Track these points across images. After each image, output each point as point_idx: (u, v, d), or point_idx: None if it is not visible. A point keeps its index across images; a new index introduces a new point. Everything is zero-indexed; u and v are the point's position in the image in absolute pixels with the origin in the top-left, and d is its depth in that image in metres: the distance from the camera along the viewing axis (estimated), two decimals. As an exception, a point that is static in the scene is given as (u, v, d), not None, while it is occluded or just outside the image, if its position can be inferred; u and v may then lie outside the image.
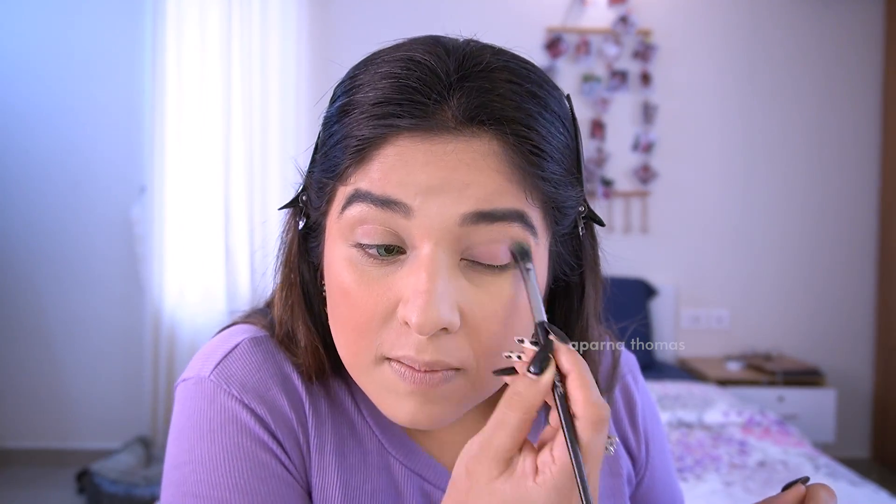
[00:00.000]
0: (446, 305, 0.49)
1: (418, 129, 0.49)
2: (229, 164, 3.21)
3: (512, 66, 0.52)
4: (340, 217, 0.52)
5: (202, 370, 0.58)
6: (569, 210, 0.56)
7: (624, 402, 0.72)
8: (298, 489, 0.57)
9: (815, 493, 0.53)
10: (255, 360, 0.58)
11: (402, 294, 0.50)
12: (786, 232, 3.60)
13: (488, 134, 0.50)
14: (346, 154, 0.51)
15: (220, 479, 0.54)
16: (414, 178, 0.49)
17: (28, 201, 3.37)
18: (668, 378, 3.06)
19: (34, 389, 3.40)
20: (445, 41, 0.53)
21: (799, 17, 3.56)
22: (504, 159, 0.50)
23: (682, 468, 2.08)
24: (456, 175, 0.49)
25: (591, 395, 0.43)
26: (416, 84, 0.50)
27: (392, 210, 0.50)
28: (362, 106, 0.51)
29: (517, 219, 0.50)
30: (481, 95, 0.50)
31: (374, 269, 0.51)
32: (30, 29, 3.35)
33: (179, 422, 0.58)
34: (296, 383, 0.59)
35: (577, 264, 0.60)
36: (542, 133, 0.51)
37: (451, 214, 0.49)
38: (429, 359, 0.50)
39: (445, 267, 0.50)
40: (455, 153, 0.49)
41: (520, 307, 0.53)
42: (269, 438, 0.56)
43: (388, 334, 0.52)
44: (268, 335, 0.61)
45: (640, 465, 0.72)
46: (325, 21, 3.40)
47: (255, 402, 0.56)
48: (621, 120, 3.51)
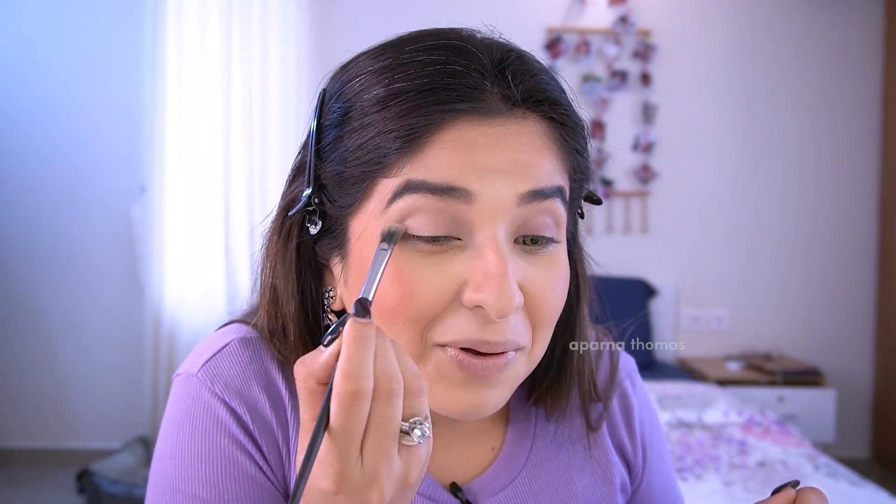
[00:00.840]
0: (515, 286, 0.50)
1: (476, 112, 0.50)
2: (229, 164, 3.21)
3: (532, 56, 0.55)
4: (386, 211, 0.51)
5: (192, 367, 0.59)
6: (586, 183, 0.59)
7: (621, 407, 0.71)
8: (271, 490, 0.57)
9: (805, 497, 0.53)
10: (241, 361, 0.59)
11: (466, 279, 0.50)
12: (786, 232, 3.60)
13: (536, 115, 0.52)
14: (393, 144, 0.50)
15: (195, 474, 0.55)
16: (476, 162, 0.50)
17: (28, 201, 3.37)
18: (668, 378, 3.06)
19: (34, 389, 3.40)
20: (463, 30, 0.55)
21: (799, 17, 3.56)
22: (552, 138, 0.53)
23: (682, 468, 2.08)
24: (517, 155, 0.51)
25: (346, 365, 0.40)
26: (463, 69, 0.50)
27: (452, 197, 0.49)
28: (407, 93, 0.50)
29: (559, 194, 0.53)
30: (529, 79, 0.52)
31: (429, 258, 0.51)
32: (30, 29, 3.35)
33: (168, 416, 0.59)
34: (279, 385, 0.59)
35: (572, 241, 0.62)
36: (573, 109, 0.55)
37: (511, 195, 0.50)
38: (503, 339, 0.51)
39: (509, 248, 0.51)
40: (513, 134, 0.51)
41: (567, 283, 0.56)
42: (246, 439, 0.56)
43: (446, 321, 0.51)
44: (259, 336, 0.61)
45: (637, 472, 0.71)
46: (325, 21, 3.40)
47: (236, 401, 0.57)
48: (621, 120, 3.51)
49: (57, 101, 3.36)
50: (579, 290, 0.63)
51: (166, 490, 0.56)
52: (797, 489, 0.54)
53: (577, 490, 0.65)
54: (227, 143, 3.20)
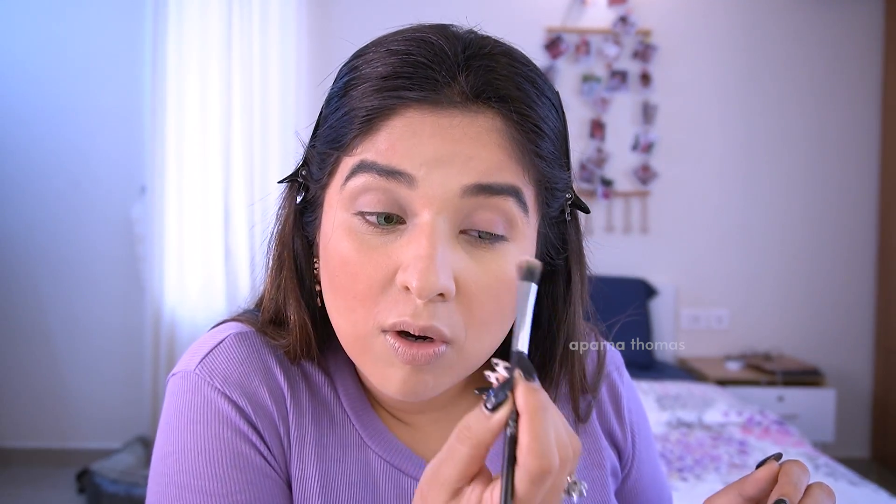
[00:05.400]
0: (444, 272, 0.51)
1: (427, 101, 0.52)
2: (229, 164, 3.21)
3: (513, 53, 0.56)
4: (343, 187, 0.54)
5: (188, 365, 0.60)
6: (558, 193, 0.59)
7: (609, 395, 0.73)
8: (277, 480, 0.58)
9: (788, 468, 0.54)
10: (239, 355, 0.60)
11: (402, 261, 0.52)
12: (786, 232, 3.60)
13: (492, 111, 0.53)
14: (353, 125, 0.53)
15: (200, 468, 0.55)
16: (420, 150, 0.51)
17: (28, 201, 3.37)
18: (668, 378, 3.06)
19: (34, 389, 3.40)
20: (452, 27, 0.56)
21: (799, 16, 3.56)
22: (506, 135, 0.53)
23: (682, 468, 2.08)
24: (460, 147, 0.51)
25: (537, 444, 0.40)
26: (425, 60, 0.52)
27: (396, 180, 0.51)
28: (371, 79, 0.53)
29: (513, 194, 0.53)
30: (487, 74, 0.53)
31: (374, 238, 0.53)
32: (30, 29, 3.35)
33: (167, 414, 0.59)
34: (278, 377, 0.60)
35: (562, 248, 0.62)
36: (540, 114, 0.54)
37: (454, 185, 0.51)
38: (423, 323, 0.51)
39: (445, 236, 0.52)
40: (461, 127, 0.52)
41: (512, 286, 0.53)
42: (250, 430, 0.57)
43: (385, 302, 0.53)
44: (254, 331, 0.62)
45: (627, 458, 0.73)
46: (325, 21, 3.40)
47: (236, 394, 0.58)
48: (621, 120, 3.51)
49: (57, 101, 3.36)
50: (571, 293, 0.63)
51: (170, 487, 0.56)
52: (780, 462, 0.55)
53: None
54: (227, 143, 3.20)
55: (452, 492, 0.44)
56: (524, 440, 0.41)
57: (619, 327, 0.73)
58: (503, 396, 0.42)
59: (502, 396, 0.42)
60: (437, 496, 0.44)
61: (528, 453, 0.40)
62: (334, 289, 0.55)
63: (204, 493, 0.55)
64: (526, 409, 0.41)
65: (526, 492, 0.41)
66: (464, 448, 0.43)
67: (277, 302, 0.62)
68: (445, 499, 0.44)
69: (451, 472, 0.43)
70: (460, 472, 0.43)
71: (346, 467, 0.60)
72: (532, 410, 0.41)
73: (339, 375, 0.63)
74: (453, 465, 0.43)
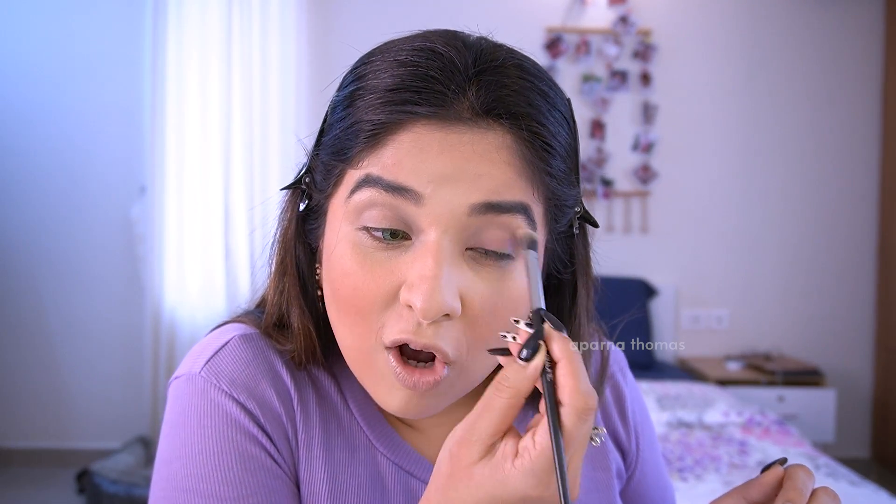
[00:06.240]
0: (450, 292, 0.50)
1: (435, 117, 0.50)
2: (229, 164, 3.21)
3: (525, 65, 0.54)
4: (348, 201, 0.53)
5: (193, 367, 0.59)
6: (567, 209, 0.57)
7: (613, 397, 0.72)
8: (287, 481, 0.57)
9: (792, 473, 0.54)
10: (244, 357, 0.59)
11: (406, 278, 0.51)
12: (786, 232, 3.60)
13: (502, 127, 0.51)
14: (359, 138, 0.52)
15: (209, 471, 0.54)
16: (428, 166, 0.50)
17: (28, 201, 3.37)
18: (668, 378, 3.06)
19: (34, 389, 3.40)
20: (462, 35, 0.55)
21: (799, 16, 3.56)
22: (515, 153, 0.51)
23: (682, 468, 2.08)
24: (469, 165, 0.50)
25: (579, 384, 0.43)
26: (435, 73, 0.51)
27: (402, 196, 0.50)
28: (377, 91, 0.51)
29: (522, 212, 0.52)
30: (497, 90, 0.51)
31: (379, 253, 0.52)
32: (30, 29, 3.35)
33: (171, 418, 0.58)
34: (285, 379, 0.60)
35: (569, 262, 0.61)
36: (551, 130, 0.53)
37: (461, 203, 0.50)
38: (426, 342, 0.51)
39: (451, 255, 0.51)
40: (469, 143, 0.50)
41: (520, 303, 0.53)
42: (259, 432, 0.57)
43: (388, 318, 0.52)
44: (258, 332, 0.61)
45: (631, 459, 0.73)
46: (325, 21, 3.40)
47: (244, 396, 0.57)
48: (621, 120, 3.51)
49: (57, 101, 3.36)
50: (576, 306, 0.62)
51: (178, 492, 0.55)
52: (784, 466, 0.55)
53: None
54: (227, 143, 3.20)
55: (487, 447, 0.45)
56: (569, 382, 0.43)
57: (611, 324, 0.73)
58: (535, 346, 0.44)
59: (534, 346, 0.44)
60: (470, 452, 0.45)
61: (573, 392, 0.43)
62: (337, 301, 0.55)
63: (214, 497, 0.54)
64: (564, 355, 0.44)
65: (573, 427, 0.42)
66: (503, 398, 0.44)
67: (280, 307, 0.61)
68: (480, 454, 0.45)
69: (487, 425, 0.44)
70: (497, 425, 0.44)
71: (355, 469, 0.60)
72: (570, 356, 0.44)
73: (346, 377, 0.63)
74: (490, 417, 0.44)
